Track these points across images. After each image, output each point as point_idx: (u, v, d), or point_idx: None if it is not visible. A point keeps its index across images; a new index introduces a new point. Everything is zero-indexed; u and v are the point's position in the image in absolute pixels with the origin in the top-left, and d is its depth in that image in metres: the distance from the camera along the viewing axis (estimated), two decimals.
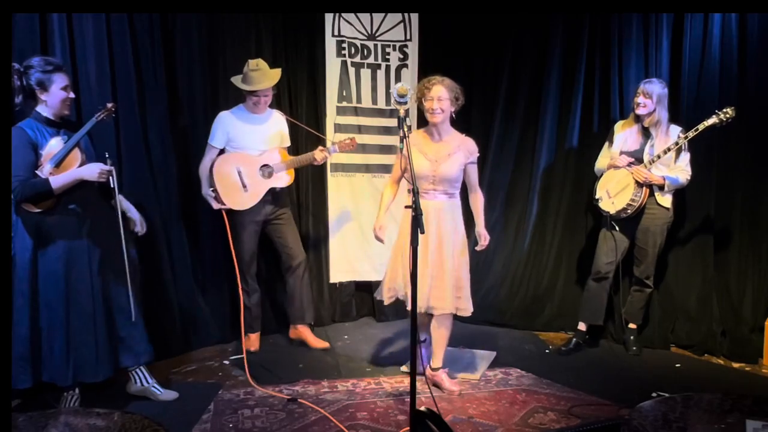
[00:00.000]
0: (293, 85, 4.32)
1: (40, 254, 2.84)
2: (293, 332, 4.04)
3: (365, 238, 4.43)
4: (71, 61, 3.36)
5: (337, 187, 4.48)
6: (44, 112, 2.85)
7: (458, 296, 3.23)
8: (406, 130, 2.58)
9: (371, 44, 4.47)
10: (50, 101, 2.83)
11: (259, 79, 3.63)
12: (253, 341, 3.88)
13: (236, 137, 3.69)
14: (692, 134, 3.55)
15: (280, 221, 3.87)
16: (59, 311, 2.86)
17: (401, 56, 4.53)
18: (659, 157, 3.63)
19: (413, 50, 4.54)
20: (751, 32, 3.83)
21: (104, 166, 2.84)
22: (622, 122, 3.92)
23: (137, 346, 3.08)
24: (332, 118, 4.42)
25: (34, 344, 2.86)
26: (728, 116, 3.48)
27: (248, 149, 3.70)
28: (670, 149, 3.61)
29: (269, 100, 3.75)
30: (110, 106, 3.02)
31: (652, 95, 3.65)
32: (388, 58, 4.51)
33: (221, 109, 3.81)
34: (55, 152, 2.81)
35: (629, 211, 3.71)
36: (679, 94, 4.04)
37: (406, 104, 2.69)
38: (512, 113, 4.62)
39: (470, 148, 3.26)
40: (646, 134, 3.76)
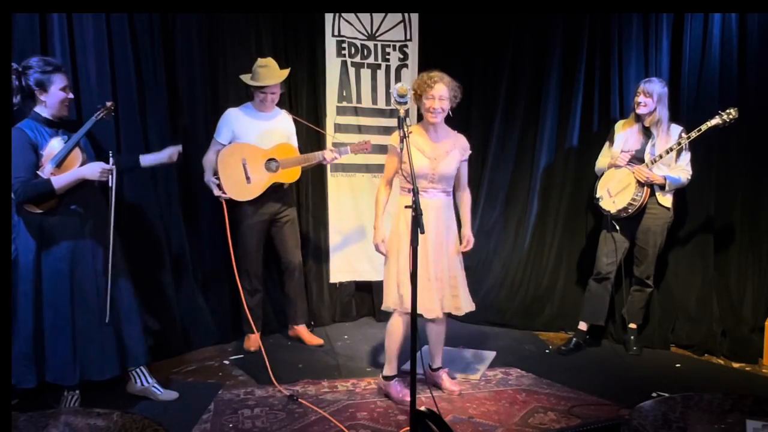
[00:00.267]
0: (293, 85, 4.32)
1: (43, 255, 2.84)
2: (291, 331, 4.15)
3: (365, 238, 4.43)
4: (71, 61, 3.36)
5: (337, 187, 4.48)
6: (43, 112, 2.84)
7: (455, 295, 3.19)
8: (406, 130, 2.58)
9: (371, 44, 4.47)
10: (49, 102, 2.82)
11: (266, 75, 3.65)
12: (253, 341, 3.88)
13: (241, 134, 3.70)
14: (695, 135, 3.54)
15: (284, 222, 3.87)
16: (65, 311, 2.86)
17: (401, 56, 4.53)
18: (661, 157, 3.62)
19: (413, 50, 4.54)
20: (751, 32, 3.83)
21: (105, 165, 2.84)
22: (622, 122, 3.92)
23: (137, 346, 3.08)
24: (332, 118, 4.42)
25: (37, 344, 2.86)
26: (731, 117, 3.48)
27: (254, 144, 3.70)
28: (672, 149, 3.61)
29: (276, 98, 3.76)
30: (109, 104, 3.02)
31: (652, 94, 3.65)
32: (388, 58, 4.51)
33: (221, 109, 3.81)
34: (55, 152, 2.81)
35: (630, 210, 3.70)
36: (679, 94, 4.04)
37: (406, 104, 2.68)
38: (512, 113, 4.62)
39: (464, 145, 3.23)
40: (647, 134, 3.76)
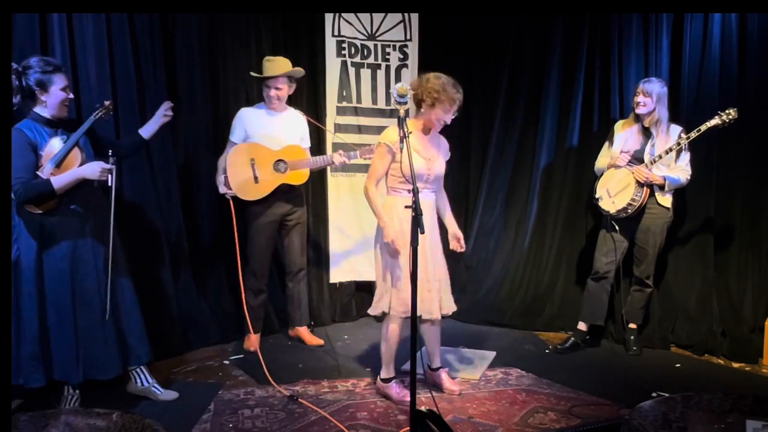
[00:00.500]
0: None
1: (45, 255, 2.84)
2: (292, 331, 4.16)
3: (365, 238, 4.43)
4: (71, 61, 3.36)
5: (337, 187, 4.48)
6: (43, 112, 2.84)
7: (446, 295, 3.19)
8: (406, 130, 2.58)
9: (371, 44, 4.47)
10: (50, 102, 2.82)
11: (270, 68, 3.68)
12: (253, 341, 3.87)
13: (253, 133, 3.71)
14: (694, 135, 3.54)
15: (293, 224, 3.88)
16: (67, 310, 2.87)
17: (401, 56, 4.53)
18: (661, 157, 3.62)
19: (413, 50, 4.54)
20: (751, 32, 3.83)
21: (105, 164, 2.83)
22: (622, 122, 3.92)
23: (138, 346, 3.08)
24: (332, 118, 4.42)
25: (43, 343, 2.86)
26: (731, 117, 3.48)
27: (264, 145, 3.71)
28: (671, 149, 3.61)
29: (282, 95, 3.76)
30: (108, 103, 3.01)
31: (651, 94, 3.65)
32: (388, 58, 4.51)
33: (221, 109, 3.81)
34: (55, 152, 2.80)
35: (629, 210, 3.70)
36: (679, 94, 4.04)
37: (406, 104, 2.69)
38: (512, 113, 4.62)
39: (446, 146, 3.25)
40: (646, 134, 3.76)
